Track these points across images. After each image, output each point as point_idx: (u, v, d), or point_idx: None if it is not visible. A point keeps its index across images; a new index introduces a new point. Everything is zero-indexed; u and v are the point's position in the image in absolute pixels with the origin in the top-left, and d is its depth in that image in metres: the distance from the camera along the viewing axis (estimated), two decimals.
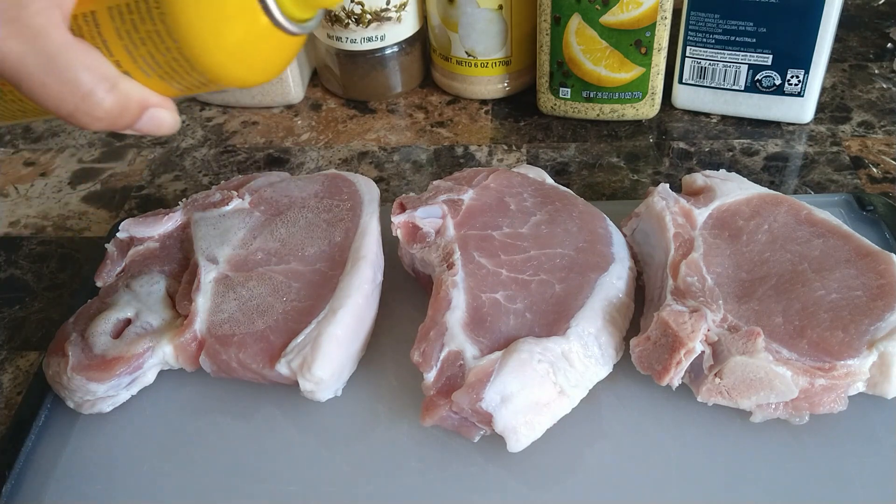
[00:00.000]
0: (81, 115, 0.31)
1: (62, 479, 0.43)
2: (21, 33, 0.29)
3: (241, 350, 0.44)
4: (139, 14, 0.31)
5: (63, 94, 0.31)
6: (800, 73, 0.64)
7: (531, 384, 0.41)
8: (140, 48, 0.32)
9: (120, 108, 0.32)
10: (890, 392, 0.42)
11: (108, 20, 0.31)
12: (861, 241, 0.48)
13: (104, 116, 0.32)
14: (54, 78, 0.30)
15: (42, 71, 0.30)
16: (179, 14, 0.30)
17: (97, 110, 0.32)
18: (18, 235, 0.62)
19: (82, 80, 0.31)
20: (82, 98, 0.31)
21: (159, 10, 0.30)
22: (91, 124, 0.32)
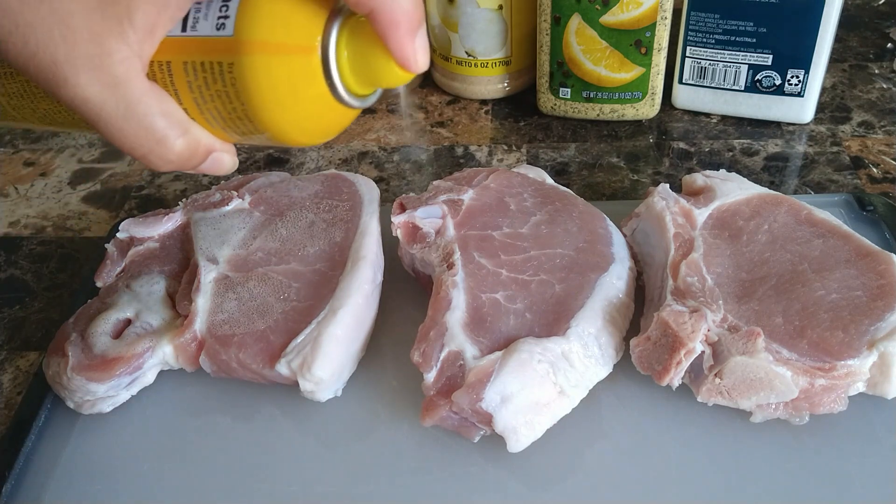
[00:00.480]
0: (154, 158, 0.33)
1: (62, 479, 0.43)
2: (104, 80, 0.31)
3: (241, 350, 0.44)
4: (212, 74, 0.33)
5: (139, 138, 0.32)
6: (800, 73, 0.64)
7: (531, 384, 0.41)
8: (209, 103, 0.34)
9: (190, 152, 0.34)
10: (890, 392, 0.42)
11: (181, 72, 0.33)
12: (861, 241, 0.48)
13: (175, 160, 0.34)
14: (132, 123, 0.32)
15: (121, 116, 0.32)
16: (250, 83, 0.32)
17: (169, 154, 0.34)
18: (18, 235, 0.62)
19: (157, 126, 0.33)
20: (157, 142, 0.33)
21: (232, 76, 0.32)
22: (162, 166, 0.34)
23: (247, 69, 0.32)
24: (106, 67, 0.31)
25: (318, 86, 0.33)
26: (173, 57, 0.33)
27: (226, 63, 0.32)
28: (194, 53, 0.33)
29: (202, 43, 0.33)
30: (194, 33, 0.33)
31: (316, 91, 0.33)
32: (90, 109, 0.31)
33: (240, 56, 0.32)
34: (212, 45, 0.32)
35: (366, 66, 0.33)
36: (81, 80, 0.31)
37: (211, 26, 0.32)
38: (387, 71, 0.33)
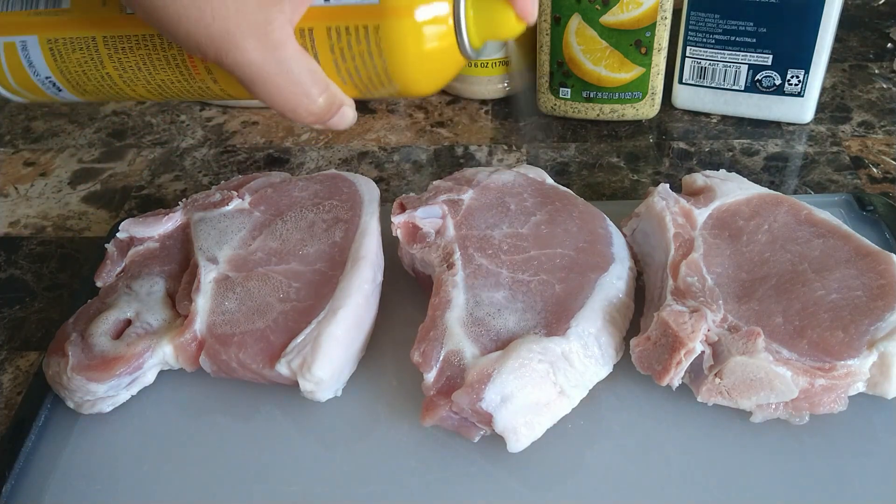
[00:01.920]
0: (302, 111, 0.38)
1: (62, 479, 0.43)
2: (266, 44, 0.35)
3: (241, 350, 0.44)
4: (356, 36, 0.37)
5: (290, 93, 0.37)
6: (800, 73, 0.64)
7: (531, 384, 0.41)
8: (348, 62, 0.38)
9: (328, 106, 0.39)
10: (890, 392, 0.42)
11: (324, 36, 0.38)
12: (861, 241, 0.48)
13: (317, 112, 0.38)
14: (286, 81, 0.37)
15: (277, 75, 0.36)
16: (394, 42, 0.37)
17: (313, 106, 0.38)
18: (18, 235, 0.62)
19: (306, 82, 0.37)
20: (305, 96, 0.37)
21: (377, 37, 0.37)
22: (304, 118, 0.38)
23: (392, 30, 0.37)
24: (268, 33, 0.35)
25: (450, 41, 0.38)
26: (316, 23, 0.37)
27: (371, 26, 0.37)
28: (339, 19, 0.37)
29: (348, 10, 0.37)
30: (339, 2, 0.37)
31: (447, 45, 0.38)
32: (252, 70, 0.36)
33: (386, 19, 0.37)
34: (358, 12, 0.37)
35: (487, 19, 0.38)
36: (248, 45, 0.35)
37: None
38: (505, 24, 0.39)
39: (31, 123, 0.75)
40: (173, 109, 0.76)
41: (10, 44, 0.42)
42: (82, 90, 0.43)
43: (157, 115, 0.75)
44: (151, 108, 0.76)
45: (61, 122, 0.75)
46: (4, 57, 0.43)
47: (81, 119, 0.76)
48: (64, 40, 0.41)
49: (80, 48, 0.41)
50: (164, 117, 0.75)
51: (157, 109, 0.76)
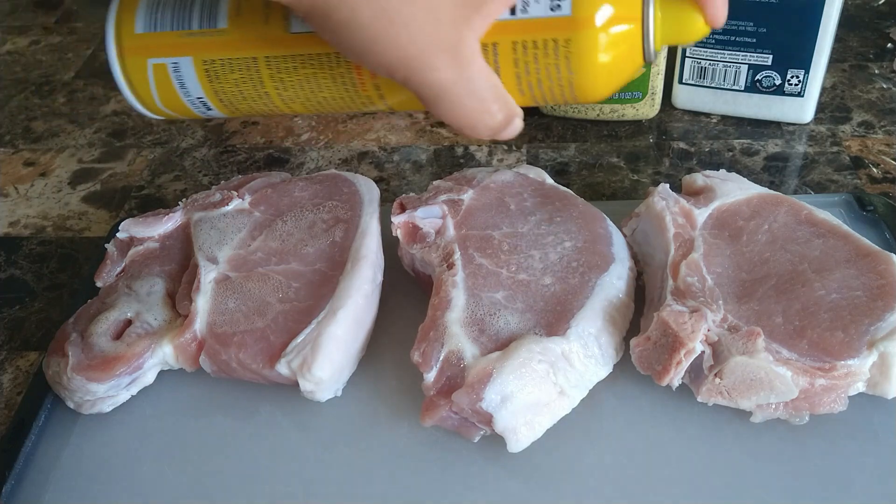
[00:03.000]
0: (482, 127, 0.38)
1: (62, 479, 0.43)
2: (456, 62, 0.35)
3: (241, 350, 0.44)
4: (544, 49, 0.37)
5: (473, 110, 0.37)
6: (800, 73, 0.64)
7: (531, 384, 0.41)
8: (531, 75, 0.38)
9: (506, 120, 0.38)
10: (890, 392, 0.42)
11: (509, 51, 0.37)
12: (861, 241, 0.48)
13: (495, 127, 0.38)
14: (471, 98, 0.36)
15: (465, 92, 0.36)
16: (585, 54, 0.37)
17: (492, 122, 0.38)
18: (18, 235, 0.62)
19: (488, 98, 0.37)
20: (486, 113, 0.37)
21: (567, 50, 0.37)
22: (482, 133, 0.38)
23: (583, 43, 0.36)
24: (459, 51, 0.35)
25: (637, 49, 0.38)
26: (501, 38, 0.37)
27: (562, 39, 0.36)
28: (527, 33, 0.37)
29: (537, 23, 0.37)
30: (525, 16, 0.37)
31: (633, 52, 0.38)
32: (440, 89, 0.36)
33: (577, 31, 0.36)
34: (548, 25, 0.36)
35: (674, 23, 0.38)
36: (440, 64, 0.35)
37: (544, 8, 0.36)
38: (692, 28, 0.38)
39: (31, 123, 0.75)
40: None
41: (160, 65, 0.41)
42: (234, 108, 0.43)
43: None
44: None
45: (61, 122, 0.75)
46: (154, 78, 0.42)
47: (81, 119, 0.76)
48: (222, 61, 0.40)
49: (239, 69, 0.40)
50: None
51: None
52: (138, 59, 0.42)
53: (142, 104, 0.44)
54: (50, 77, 0.82)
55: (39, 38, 0.90)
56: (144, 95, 0.43)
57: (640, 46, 0.38)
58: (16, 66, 0.85)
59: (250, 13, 0.40)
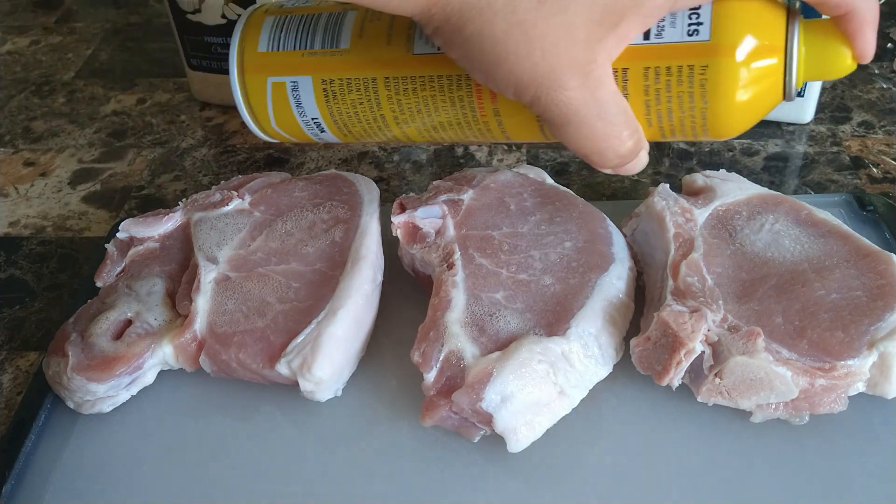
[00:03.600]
0: (610, 153, 0.36)
1: (62, 479, 0.43)
2: (587, 84, 0.34)
3: (241, 350, 0.45)
4: (678, 76, 0.35)
5: (603, 136, 0.35)
6: None
7: (531, 384, 0.41)
8: (662, 104, 0.36)
9: (634, 149, 0.37)
10: (890, 392, 0.42)
11: (639, 76, 0.36)
12: (861, 241, 0.48)
13: (624, 154, 0.37)
14: (601, 121, 0.35)
15: (595, 115, 0.35)
16: (722, 83, 0.35)
17: (622, 149, 0.36)
18: (18, 235, 0.62)
19: (619, 123, 0.35)
20: (616, 139, 0.36)
21: (703, 77, 0.35)
22: (610, 160, 0.37)
23: (722, 70, 0.35)
24: (592, 71, 0.34)
25: (777, 82, 0.36)
26: (632, 63, 0.36)
27: (698, 66, 0.35)
28: (660, 59, 0.35)
29: (672, 49, 0.35)
30: (660, 41, 0.35)
31: (773, 86, 0.36)
32: (570, 110, 0.34)
33: (716, 58, 0.35)
34: (683, 50, 0.35)
35: (819, 59, 0.36)
36: (572, 84, 0.33)
37: (681, 33, 0.35)
38: (839, 63, 0.36)
39: (31, 123, 0.75)
40: (173, 109, 0.76)
41: (279, 84, 0.41)
42: (347, 131, 0.43)
43: (157, 115, 0.75)
44: (151, 108, 0.76)
45: (61, 122, 0.75)
46: (271, 97, 0.42)
47: (81, 119, 0.76)
48: (341, 81, 0.40)
49: (357, 89, 0.40)
50: (164, 117, 0.75)
51: (157, 109, 0.76)
52: (258, 77, 0.42)
53: (256, 124, 0.44)
54: (50, 77, 0.82)
55: (39, 38, 0.90)
56: (260, 115, 0.43)
57: (780, 80, 0.36)
58: (16, 66, 0.85)
59: (373, 34, 0.40)
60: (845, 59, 0.36)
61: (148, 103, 0.77)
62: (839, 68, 0.36)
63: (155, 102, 0.77)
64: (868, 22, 0.34)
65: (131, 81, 0.81)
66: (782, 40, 0.35)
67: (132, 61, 0.84)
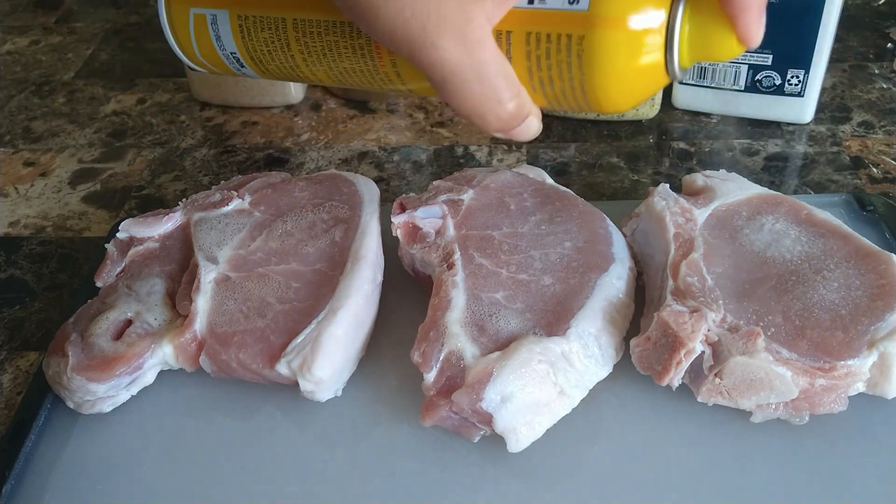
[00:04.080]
0: (491, 117, 0.36)
1: (62, 479, 0.43)
2: (463, 43, 0.34)
3: (241, 350, 0.44)
4: (557, 44, 0.35)
5: (483, 97, 0.35)
6: (800, 73, 0.64)
7: (531, 384, 0.41)
8: (543, 71, 0.36)
9: (517, 113, 0.36)
10: (890, 392, 0.42)
11: (521, 41, 0.36)
12: (861, 241, 0.48)
13: (505, 118, 0.36)
14: (480, 83, 0.35)
15: (473, 76, 0.34)
16: (597, 55, 0.35)
17: (503, 113, 0.36)
18: (18, 235, 0.62)
19: (500, 86, 0.35)
20: (496, 102, 0.35)
21: (580, 47, 0.35)
22: (492, 123, 0.37)
23: (597, 42, 0.34)
24: (467, 32, 0.33)
25: (658, 58, 0.35)
26: (515, 27, 0.35)
27: (575, 35, 0.34)
28: (541, 24, 0.35)
29: (553, 15, 0.35)
30: (543, 6, 0.35)
31: (654, 63, 0.35)
32: (445, 70, 0.34)
33: (592, 29, 0.34)
34: (563, 18, 0.35)
35: (703, 40, 0.35)
36: (445, 43, 0.33)
37: (563, 0, 0.35)
38: (724, 46, 0.35)
39: (31, 123, 0.75)
40: (173, 109, 0.76)
41: (200, 15, 0.42)
42: (264, 69, 0.43)
43: (157, 115, 0.75)
44: (151, 108, 0.76)
45: (61, 122, 0.75)
46: (193, 28, 0.43)
47: (81, 119, 0.76)
48: (254, 18, 0.41)
49: (269, 27, 0.41)
50: (164, 117, 0.75)
51: (157, 109, 0.76)
52: (182, 7, 0.43)
53: (184, 53, 0.45)
54: (50, 77, 0.82)
55: (39, 38, 0.90)
56: (185, 45, 0.44)
57: (662, 58, 0.35)
58: (16, 66, 0.85)
59: None
60: (730, 41, 0.35)
61: (148, 103, 0.77)
62: (724, 50, 0.36)
63: (155, 102, 0.77)
64: (751, 5, 0.34)
65: (131, 81, 0.81)
66: (664, 16, 0.34)
67: (132, 61, 0.84)
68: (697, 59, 0.36)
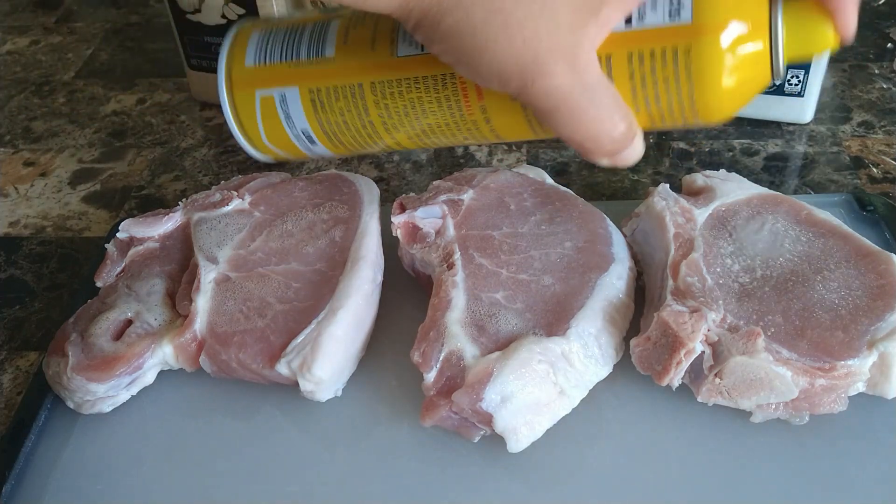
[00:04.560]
0: (603, 138, 0.36)
1: (62, 479, 0.43)
2: (573, 70, 0.33)
3: (241, 350, 0.45)
4: (663, 60, 0.35)
5: (595, 119, 0.35)
6: (800, 73, 0.64)
7: (531, 384, 0.41)
8: (648, 88, 0.36)
9: (627, 135, 0.36)
10: (890, 392, 0.42)
11: (623, 63, 0.35)
12: (861, 241, 0.48)
13: (619, 139, 0.36)
14: (591, 106, 0.34)
15: (584, 101, 0.34)
16: (707, 64, 0.35)
17: (614, 133, 0.36)
18: (18, 235, 0.62)
19: (609, 107, 0.35)
20: (609, 122, 0.35)
21: (688, 59, 0.35)
22: (605, 146, 0.36)
23: (706, 51, 0.34)
24: (577, 57, 0.33)
25: (763, 59, 0.35)
26: (615, 49, 0.35)
27: (682, 48, 0.35)
28: (643, 43, 0.35)
29: (654, 32, 0.35)
30: (642, 25, 0.35)
31: (760, 65, 0.35)
32: (558, 97, 0.34)
33: (699, 38, 0.34)
34: (665, 33, 0.35)
35: (802, 34, 0.35)
36: (557, 70, 0.33)
37: (662, 16, 0.35)
38: (821, 38, 0.35)
39: (31, 123, 0.75)
40: (173, 109, 0.76)
41: (268, 97, 0.41)
42: (338, 142, 0.42)
43: (157, 115, 0.75)
44: (151, 108, 0.76)
45: (61, 122, 0.75)
46: (261, 111, 0.41)
47: (81, 119, 0.76)
48: (327, 89, 0.40)
49: (345, 96, 0.40)
50: (164, 117, 0.75)
51: (157, 109, 0.76)
52: (247, 92, 0.42)
53: (249, 142, 0.43)
54: (50, 77, 0.82)
55: (39, 38, 0.90)
56: (251, 131, 0.43)
57: (766, 59, 0.35)
58: (16, 66, 0.85)
59: (357, 40, 0.39)
60: (828, 34, 0.35)
61: (148, 103, 0.77)
62: (822, 44, 0.36)
63: (155, 102, 0.77)
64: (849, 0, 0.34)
65: (131, 81, 0.81)
66: (765, 18, 0.35)
67: (132, 61, 0.84)
68: (798, 56, 0.36)
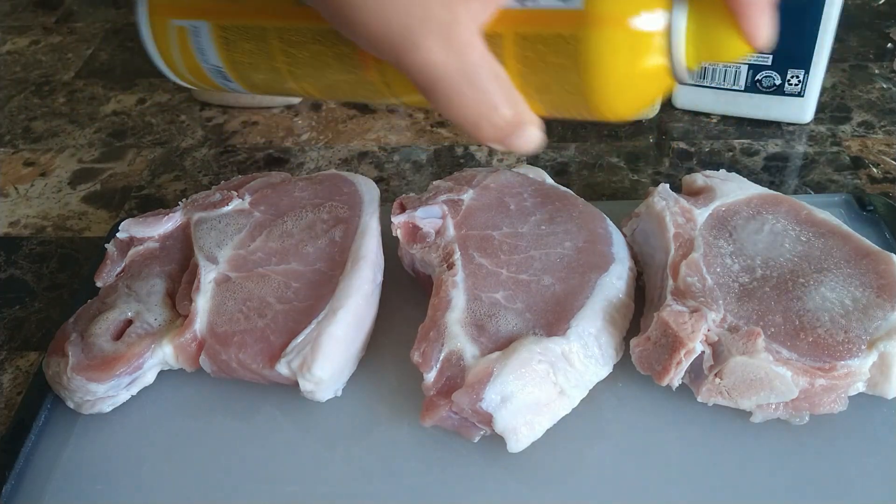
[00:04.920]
0: (485, 124, 0.34)
1: (62, 479, 0.43)
2: (451, 45, 0.32)
3: (241, 350, 0.44)
4: (552, 46, 0.32)
5: (475, 102, 0.33)
6: (800, 73, 0.64)
7: (531, 384, 0.41)
8: (539, 74, 0.33)
9: (514, 121, 0.34)
10: (890, 392, 0.42)
11: (513, 44, 0.33)
12: (861, 241, 0.48)
13: (502, 126, 0.34)
14: (472, 88, 0.32)
15: (462, 81, 0.32)
16: (595, 55, 0.32)
17: (498, 120, 0.34)
18: (18, 235, 0.62)
19: (493, 91, 0.33)
20: (490, 108, 0.33)
21: (576, 48, 0.32)
22: (487, 131, 0.34)
23: (594, 42, 0.32)
24: (453, 33, 0.31)
25: (660, 60, 0.33)
26: (506, 29, 0.33)
27: (571, 35, 0.32)
28: (533, 25, 0.33)
29: (545, 15, 0.32)
30: (534, 5, 0.32)
31: (656, 64, 0.33)
32: (433, 73, 0.32)
33: (587, 28, 0.32)
34: (555, 17, 0.32)
35: (708, 40, 0.33)
36: (431, 45, 0.31)
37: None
38: (729, 46, 0.33)
39: (31, 123, 0.75)
40: (173, 109, 0.76)
41: (181, 28, 0.40)
42: (250, 82, 0.41)
43: (157, 115, 0.75)
44: (151, 108, 0.76)
45: (61, 122, 0.75)
46: (177, 41, 0.41)
47: (81, 119, 0.76)
48: (236, 28, 0.39)
49: (252, 38, 0.39)
50: (164, 117, 0.75)
51: (157, 109, 0.76)
52: (163, 19, 0.41)
53: (169, 68, 0.43)
54: (50, 77, 0.82)
55: (39, 38, 0.90)
56: (169, 59, 0.42)
57: (665, 60, 0.33)
58: (16, 66, 0.85)
59: None
60: (736, 41, 0.33)
61: (148, 103, 0.77)
62: (731, 51, 0.33)
63: (155, 102, 0.77)
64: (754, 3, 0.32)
65: (131, 81, 0.81)
66: (666, 14, 0.32)
67: (132, 61, 0.84)
68: (703, 60, 0.34)
